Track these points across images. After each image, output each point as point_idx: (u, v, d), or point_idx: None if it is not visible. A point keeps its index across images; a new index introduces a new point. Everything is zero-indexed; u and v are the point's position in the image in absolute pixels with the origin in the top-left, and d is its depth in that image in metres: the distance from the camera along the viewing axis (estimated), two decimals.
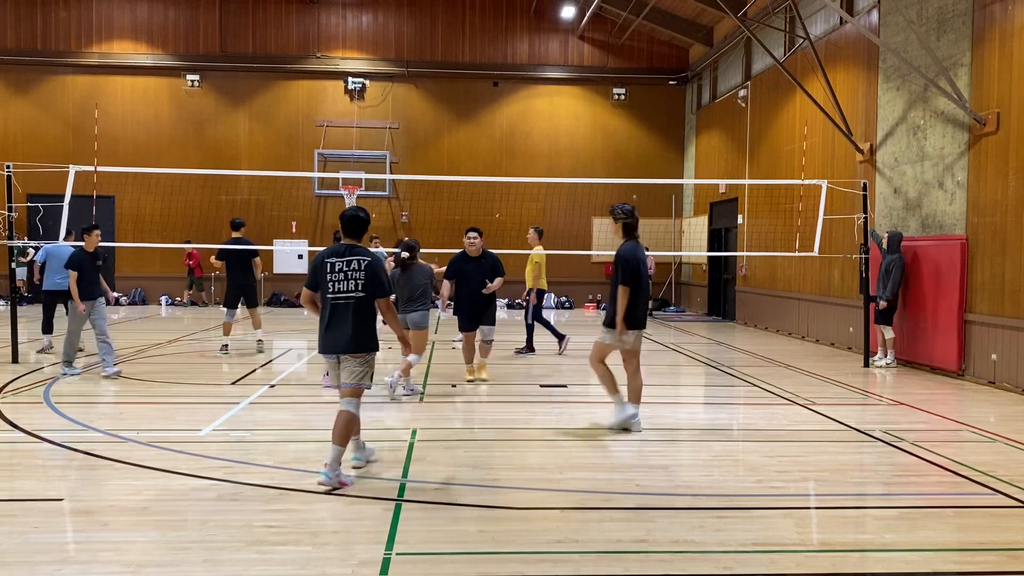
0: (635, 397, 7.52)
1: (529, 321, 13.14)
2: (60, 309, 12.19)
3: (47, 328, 12.60)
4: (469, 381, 10.06)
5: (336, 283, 5.78)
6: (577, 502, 5.45)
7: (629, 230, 7.59)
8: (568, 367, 11.83)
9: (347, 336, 5.74)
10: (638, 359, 7.61)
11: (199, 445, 6.73)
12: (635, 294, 7.44)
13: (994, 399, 9.57)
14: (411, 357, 8.98)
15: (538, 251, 13.14)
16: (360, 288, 5.78)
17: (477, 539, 4.69)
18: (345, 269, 5.78)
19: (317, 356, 12.48)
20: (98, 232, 10.62)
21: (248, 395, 8.98)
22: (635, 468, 6.28)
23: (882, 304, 11.68)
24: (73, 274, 10.17)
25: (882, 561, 4.50)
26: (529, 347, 13.09)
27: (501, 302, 20.87)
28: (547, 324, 13.40)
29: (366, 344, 5.80)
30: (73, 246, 12.81)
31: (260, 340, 12.94)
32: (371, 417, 7.89)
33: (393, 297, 6.16)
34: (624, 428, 7.42)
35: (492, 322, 10.30)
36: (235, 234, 12.78)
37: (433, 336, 14.51)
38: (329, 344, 5.82)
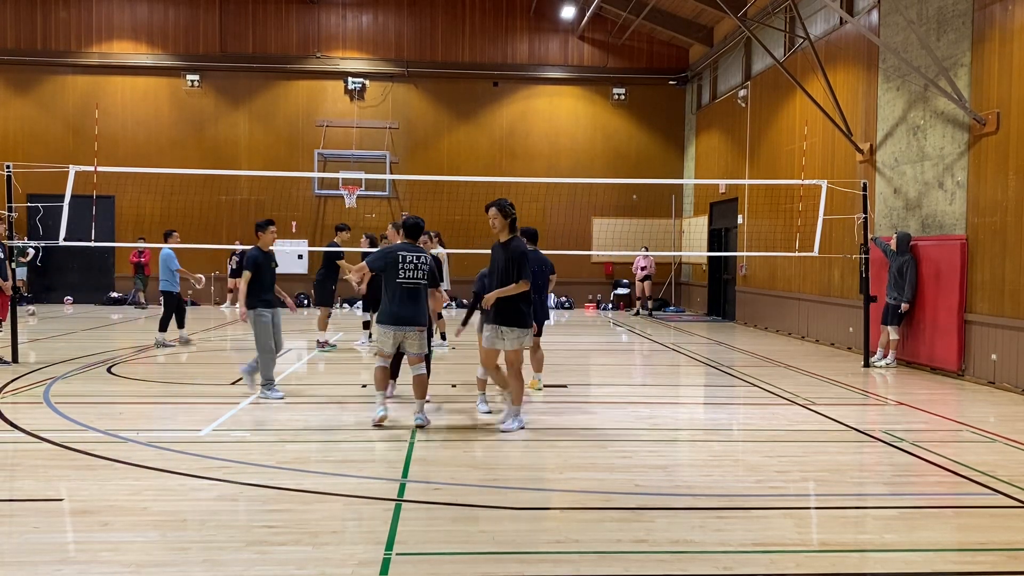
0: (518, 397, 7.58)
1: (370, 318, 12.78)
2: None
3: (164, 327, 13.34)
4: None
5: (408, 271, 7.44)
6: (577, 502, 5.45)
7: (514, 227, 7.47)
8: (568, 367, 11.84)
9: (412, 314, 7.43)
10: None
11: (199, 445, 6.73)
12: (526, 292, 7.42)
13: (994, 399, 9.57)
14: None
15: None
16: (424, 277, 7.51)
17: (477, 539, 4.69)
18: (416, 262, 7.48)
19: (316, 357, 12.54)
20: (274, 229, 9.13)
21: (248, 395, 8.97)
22: (635, 468, 6.28)
23: (904, 307, 11.66)
24: (246, 275, 8.72)
25: (882, 561, 4.50)
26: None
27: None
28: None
29: (424, 319, 7.53)
30: (174, 247, 13.55)
31: (324, 342, 13.24)
32: (371, 417, 7.88)
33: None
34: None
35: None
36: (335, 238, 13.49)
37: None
38: (397, 319, 7.40)
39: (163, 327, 13.28)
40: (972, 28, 10.92)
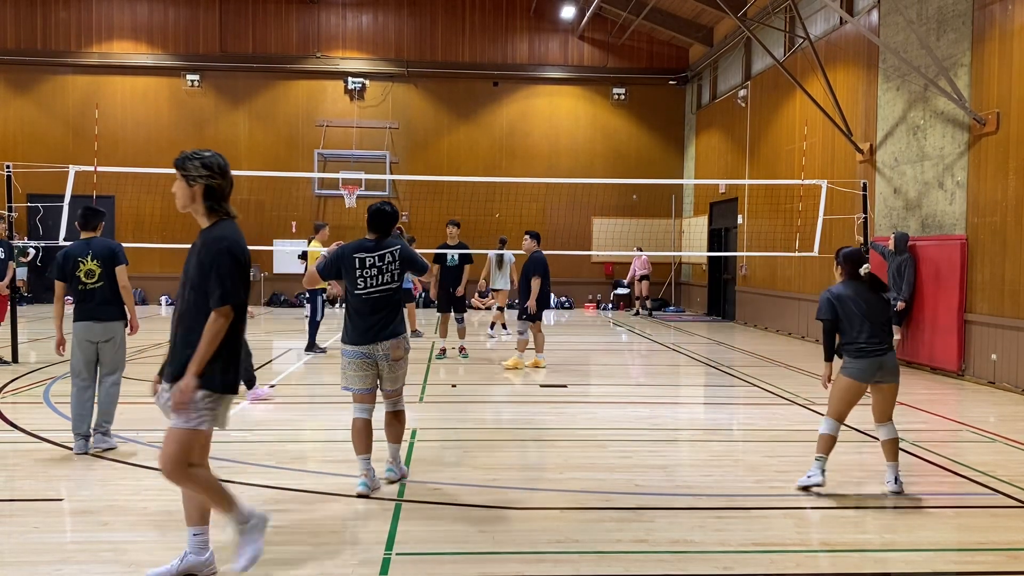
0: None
1: (317, 319, 12.49)
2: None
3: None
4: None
5: (368, 279, 5.48)
6: (577, 502, 5.45)
7: (215, 198, 4.19)
8: (568, 367, 11.83)
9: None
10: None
11: None
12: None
13: (994, 399, 9.57)
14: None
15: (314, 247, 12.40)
16: (396, 279, 5.55)
17: (477, 539, 4.69)
18: (379, 264, 5.50)
19: (315, 356, 12.52)
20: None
21: (246, 395, 8.96)
22: (635, 468, 6.28)
23: (899, 305, 11.67)
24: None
25: (882, 561, 4.50)
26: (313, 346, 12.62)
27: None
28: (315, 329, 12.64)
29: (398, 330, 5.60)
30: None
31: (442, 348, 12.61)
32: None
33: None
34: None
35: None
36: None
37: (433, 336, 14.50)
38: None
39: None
40: (972, 28, 10.92)
